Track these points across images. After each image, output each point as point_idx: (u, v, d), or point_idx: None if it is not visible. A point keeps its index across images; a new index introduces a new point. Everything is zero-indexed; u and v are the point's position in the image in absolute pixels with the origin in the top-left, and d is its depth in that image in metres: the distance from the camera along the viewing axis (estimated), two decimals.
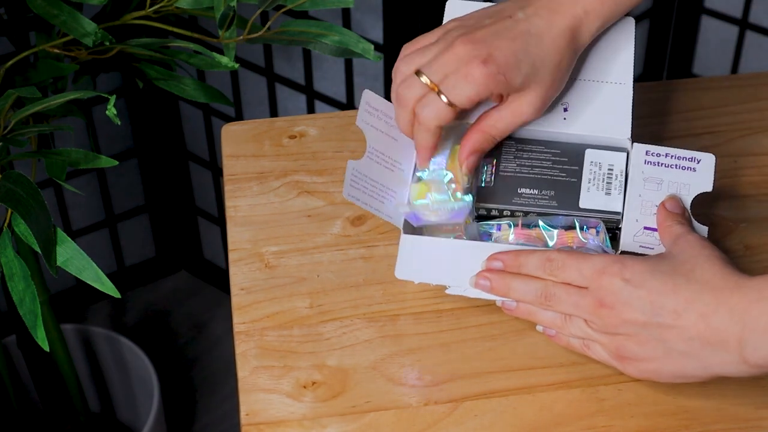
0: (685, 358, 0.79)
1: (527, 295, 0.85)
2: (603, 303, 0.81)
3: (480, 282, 0.87)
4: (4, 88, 1.13)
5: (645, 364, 0.81)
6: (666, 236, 0.87)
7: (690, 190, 0.90)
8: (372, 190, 0.91)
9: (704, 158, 0.91)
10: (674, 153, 0.91)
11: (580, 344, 0.85)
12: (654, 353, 0.80)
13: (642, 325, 0.80)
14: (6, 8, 1.25)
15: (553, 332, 0.86)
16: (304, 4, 1.16)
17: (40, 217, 0.93)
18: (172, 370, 1.96)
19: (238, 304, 0.91)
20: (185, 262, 2.13)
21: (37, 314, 0.95)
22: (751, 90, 1.10)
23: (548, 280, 0.84)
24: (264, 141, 1.06)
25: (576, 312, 0.83)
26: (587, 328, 0.83)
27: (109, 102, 1.02)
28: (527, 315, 0.87)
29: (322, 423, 0.82)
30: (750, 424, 0.82)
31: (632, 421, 0.82)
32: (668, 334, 0.79)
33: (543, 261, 0.85)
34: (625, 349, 0.82)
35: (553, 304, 0.84)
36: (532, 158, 0.93)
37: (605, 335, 0.82)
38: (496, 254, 0.87)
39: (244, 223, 0.98)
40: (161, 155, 1.95)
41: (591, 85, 0.94)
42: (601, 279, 0.82)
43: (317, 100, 1.73)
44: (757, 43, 1.71)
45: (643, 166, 0.91)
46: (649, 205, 0.90)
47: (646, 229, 0.89)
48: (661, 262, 0.82)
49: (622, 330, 0.81)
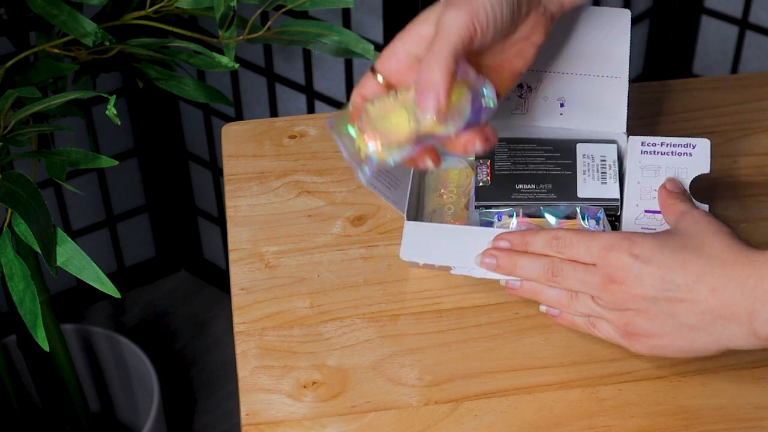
0: (695, 332, 0.79)
1: (534, 272, 0.85)
2: (613, 278, 0.81)
3: (486, 260, 0.87)
4: (4, 88, 1.13)
5: (654, 340, 0.81)
6: (670, 213, 0.87)
7: (688, 173, 0.91)
8: (381, 177, 0.91)
9: (699, 143, 0.92)
10: (669, 141, 0.92)
11: (585, 323, 0.85)
12: (663, 328, 0.80)
13: (652, 299, 0.80)
14: (6, 8, 1.25)
15: (556, 312, 0.86)
16: (304, 4, 1.16)
17: (40, 217, 0.93)
18: (172, 370, 1.96)
19: (238, 304, 0.91)
20: (185, 262, 2.13)
21: (37, 314, 0.95)
22: (751, 90, 1.10)
23: (555, 257, 0.85)
24: (264, 141, 1.06)
25: (584, 288, 0.83)
26: (594, 305, 0.83)
27: (109, 102, 1.02)
28: (531, 294, 0.87)
29: (322, 423, 0.82)
30: (750, 424, 0.82)
31: (632, 421, 0.82)
32: (678, 308, 0.79)
33: (550, 239, 0.85)
34: (634, 325, 0.82)
35: (560, 280, 0.84)
36: (526, 155, 0.93)
37: (613, 311, 0.82)
38: (503, 234, 0.88)
39: (244, 223, 0.98)
40: (161, 155, 1.95)
41: (587, 80, 0.94)
42: (610, 255, 0.82)
43: (317, 100, 1.73)
44: (757, 43, 1.71)
45: (639, 156, 0.92)
46: (648, 190, 0.91)
47: (647, 212, 0.90)
48: (670, 238, 0.82)
49: (631, 305, 0.81)
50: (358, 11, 1.57)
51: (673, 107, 1.08)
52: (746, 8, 1.70)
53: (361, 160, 0.79)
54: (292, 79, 1.73)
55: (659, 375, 0.85)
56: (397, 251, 0.94)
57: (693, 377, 0.85)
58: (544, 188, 0.92)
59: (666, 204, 0.88)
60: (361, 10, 1.56)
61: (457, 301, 0.91)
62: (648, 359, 0.86)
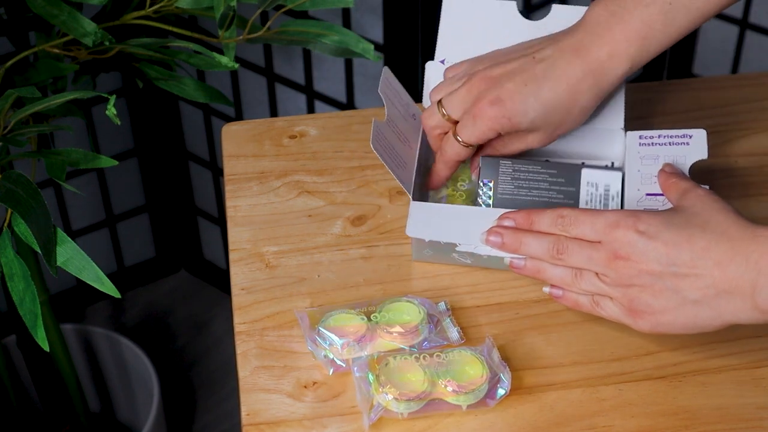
0: (699, 307, 0.80)
1: (539, 250, 0.85)
2: (618, 255, 0.81)
3: (491, 238, 0.88)
4: (4, 88, 1.13)
5: (658, 317, 0.81)
6: (673, 192, 0.87)
7: (686, 160, 0.92)
8: (390, 152, 0.92)
9: (696, 133, 0.92)
10: (666, 133, 0.93)
11: (589, 301, 0.85)
12: (667, 304, 0.81)
13: (657, 275, 0.80)
14: (6, 8, 1.25)
15: (560, 293, 0.86)
16: (304, 4, 1.16)
17: (40, 217, 0.93)
18: (172, 370, 1.96)
19: (239, 304, 0.91)
20: (185, 262, 2.13)
21: (37, 314, 0.95)
22: (751, 90, 1.10)
23: (560, 235, 0.85)
24: (264, 141, 1.06)
25: (589, 265, 0.83)
26: (599, 282, 0.83)
27: (109, 102, 1.02)
28: (535, 273, 0.87)
29: (322, 423, 0.82)
30: (750, 424, 0.82)
31: (632, 421, 0.82)
32: (683, 283, 0.80)
33: (555, 217, 0.85)
34: (638, 301, 0.82)
35: (566, 257, 0.84)
36: (530, 179, 0.93)
37: (618, 288, 0.82)
38: (508, 213, 0.88)
39: (244, 223, 0.98)
40: (161, 155, 1.95)
41: None
42: (615, 232, 0.82)
43: (317, 100, 1.73)
44: (757, 43, 1.71)
45: (638, 148, 0.93)
46: (649, 176, 0.91)
47: (649, 195, 0.91)
48: (674, 215, 0.82)
49: (636, 281, 0.81)
50: (358, 11, 1.57)
51: (672, 107, 1.08)
52: (746, 8, 1.70)
53: (370, 406, 0.82)
54: (292, 79, 1.73)
55: (659, 375, 0.85)
56: (397, 251, 0.94)
57: (693, 377, 0.85)
58: None
59: (667, 184, 0.88)
60: (361, 10, 1.56)
61: (457, 301, 0.91)
62: (648, 359, 0.86)
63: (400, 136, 0.94)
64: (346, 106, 1.69)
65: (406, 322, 0.86)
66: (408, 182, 0.92)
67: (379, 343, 0.86)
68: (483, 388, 0.82)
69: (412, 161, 0.94)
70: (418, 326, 0.86)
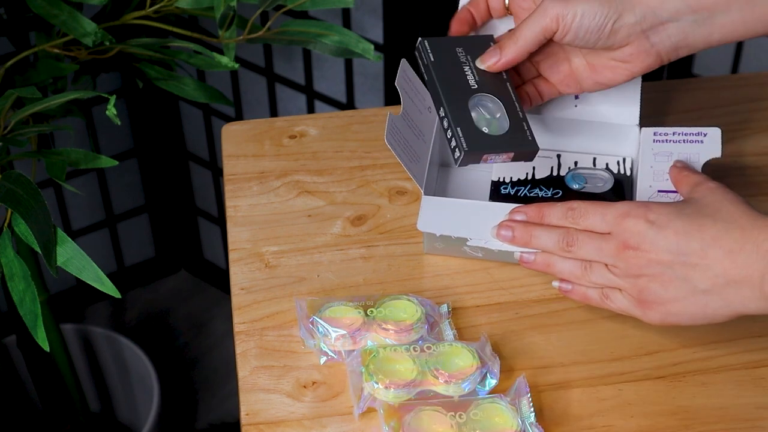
0: (708, 296, 0.80)
1: (549, 243, 0.85)
2: (628, 244, 0.81)
3: (502, 232, 0.88)
4: (4, 88, 1.13)
5: (668, 306, 0.81)
6: (684, 185, 0.87)
7: (700, 158, 0.92)
8: (404, 146, 0.92)
9: (710, 131, 0.93)
10: (681, 130, 0.93)
11: (599, 294, 0.85)
12: (677, 293, 0.81)
13: (668, 264, 0.80)
14: (6, 8, 1.25)
15: (569, 287, 0.86)
16: (304, 4, 1.16)
17: (40, 217, 0.93)
18: (172, 370, 1.96)
19: (238, 304, 0.91)
20: (185, 262, 2.13)
21: (37, 314, 0.95)
22: (751, 90, 1.10)
23: (571, 227, 0.85)
24: (264, 141, 1.06)
25: (598, 257, 0.83)
26: (609, 273, 0.83)
27: (109, 102, 1.02)
28: (545, 267, 0.87)
29: (322, 423, 0.82)
30: (750, 424, 0.82)
31: (632, 421, 0.82)
32: (693, 272, 0.80)
33: (565, 210, 0.85)
34: (648, 291, 0.82)
35: (576, 249, 0.84)
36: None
37: (628, 279, 0.82)
38: (519, 207, 0.88)
39: (244, 223, 0.98)
40: (161, 155, 1.95)
41: None
42: (625, 222, 0.82)
43: (317, 100, 1.73)
44: (757, 43, 1.71)
45: (652, 145, 0.93)
46: (661, 173, 0.92)
47: (660, 192, 0.91)
48: (685, 206, 0.82)
49: (646, 271, 0.81)
50: (358, 11, 1.57)
51: (673, 107, 1.08)
52: None
53: (361, 396, 0.82)
54: (292, 79, 1.73)
55: (659, 375, 0.85)
56: (397, 251, 0.94)
57: (692, 377, 0.85)
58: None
59: (679, 177, 0.89)
60: (361, 10, 1.57)
61: (457, 301, 0.91)
62: (647, 359, 0.86)
63: (414, 130, 0.94)
64: (346, 106, 1.70)
65: (401, 320, 0.86)
66: (420, 176, 0.92)
67: (373, 338, 0.86)
68: (473, 378, 0.82)
69: (426, 155, 0.94)
70: (413, 325, 0.86)
